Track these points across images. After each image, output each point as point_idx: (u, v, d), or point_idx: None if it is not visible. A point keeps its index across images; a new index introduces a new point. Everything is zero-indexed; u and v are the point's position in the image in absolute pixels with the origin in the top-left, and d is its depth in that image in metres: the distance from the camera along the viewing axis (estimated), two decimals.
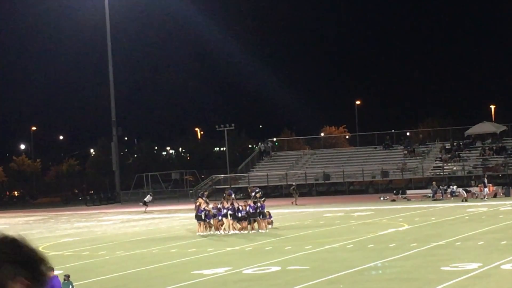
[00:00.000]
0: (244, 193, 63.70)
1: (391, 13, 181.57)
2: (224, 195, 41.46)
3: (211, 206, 38.42)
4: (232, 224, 37.39)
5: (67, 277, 18.22)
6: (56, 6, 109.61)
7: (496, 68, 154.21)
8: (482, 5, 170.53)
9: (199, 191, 52.40)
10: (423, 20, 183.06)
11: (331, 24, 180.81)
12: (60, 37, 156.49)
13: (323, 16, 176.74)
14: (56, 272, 18.13)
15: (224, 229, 37.39)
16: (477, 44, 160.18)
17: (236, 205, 38.25)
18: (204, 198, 39.80)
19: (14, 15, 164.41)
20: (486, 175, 58.29)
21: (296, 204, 57.94)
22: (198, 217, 37.75)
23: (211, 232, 37.33)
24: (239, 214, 37.34)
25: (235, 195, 46.09)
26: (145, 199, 62.76)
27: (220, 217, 37.59)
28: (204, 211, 37.61)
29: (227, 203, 38.45)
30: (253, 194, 42.22)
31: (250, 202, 38.60)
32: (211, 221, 37.69)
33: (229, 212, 37.46)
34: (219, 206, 38.42)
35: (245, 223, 37.44)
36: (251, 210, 37.44)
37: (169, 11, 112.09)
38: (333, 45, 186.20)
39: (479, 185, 55.36)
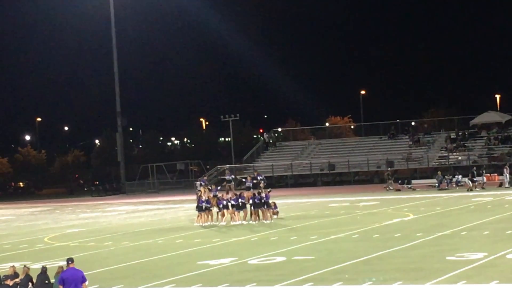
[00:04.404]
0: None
1: (396, 3, 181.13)
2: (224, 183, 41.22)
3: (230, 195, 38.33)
4: (234, 213, 37.33)
5: (61, 269, 17.95)
6: None
7: (501, 57, 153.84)
8: None
9: (198, 180, 50.33)
10: (427, 10, 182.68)
11: (336, 13, 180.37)
12: (65, 27, 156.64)
13: (328, 6, 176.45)
14: (60, 263, 18.13)
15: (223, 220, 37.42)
16: (482, 33, 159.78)
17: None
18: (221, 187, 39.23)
19: (19, 6, 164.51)
20: (508, 164, 57.76)
21: (397, 190, 56.40)
22: (199, 208, 37.77)
23: (212, 223, 37.32)
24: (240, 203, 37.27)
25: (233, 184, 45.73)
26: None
27: (220, 206, 37.58)
28: (206, 201, 37.63)
29: (228, 194, 38.39)
30: (258, 178, 41.49)
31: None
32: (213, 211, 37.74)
33: (232, 202, 37.41)
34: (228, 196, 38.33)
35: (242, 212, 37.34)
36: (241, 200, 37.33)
37: (174, 2, 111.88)
38: (338, 34, 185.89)
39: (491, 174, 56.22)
